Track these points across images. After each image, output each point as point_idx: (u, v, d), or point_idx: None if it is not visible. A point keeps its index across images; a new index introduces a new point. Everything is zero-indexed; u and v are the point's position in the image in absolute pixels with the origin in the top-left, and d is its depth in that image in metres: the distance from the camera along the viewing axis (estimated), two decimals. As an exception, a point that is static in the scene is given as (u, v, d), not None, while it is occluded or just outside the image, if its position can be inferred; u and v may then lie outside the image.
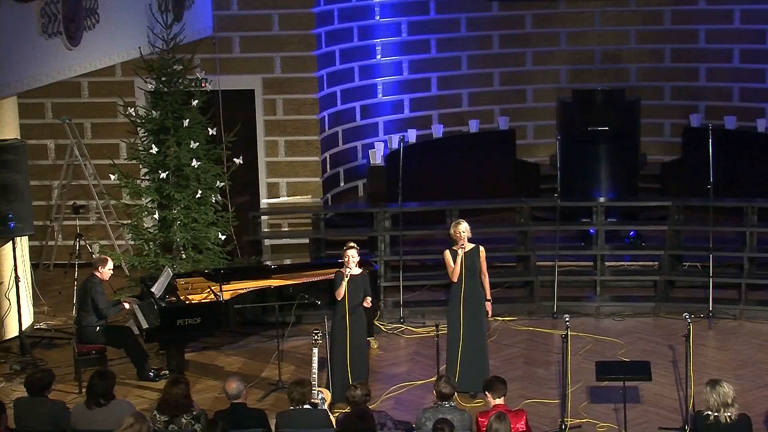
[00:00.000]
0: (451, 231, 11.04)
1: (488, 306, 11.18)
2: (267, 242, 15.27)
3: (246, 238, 14.47)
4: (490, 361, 11.79)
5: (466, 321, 10.98)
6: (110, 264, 11.82)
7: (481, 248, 11.09)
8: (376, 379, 11.39)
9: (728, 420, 8.43)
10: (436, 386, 8.88)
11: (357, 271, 10.86)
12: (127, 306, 11.80)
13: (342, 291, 10.68)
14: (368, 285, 10.94)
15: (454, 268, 10.92)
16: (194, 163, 12.84)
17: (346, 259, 10.75)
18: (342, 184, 16.38)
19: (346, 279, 10.65)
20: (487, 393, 8.95)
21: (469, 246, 11.00)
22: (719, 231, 13.77)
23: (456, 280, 10.98)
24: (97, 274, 11.72)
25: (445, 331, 11.13)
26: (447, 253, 11.04)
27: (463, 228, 10.96)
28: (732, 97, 17.10)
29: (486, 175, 16.68)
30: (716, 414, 8.46)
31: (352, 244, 10.92)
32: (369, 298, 10.87)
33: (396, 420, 9.07)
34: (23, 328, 12.37)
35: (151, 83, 13.10)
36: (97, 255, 12.77)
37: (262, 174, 15.53)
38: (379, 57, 16.59)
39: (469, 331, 10.98)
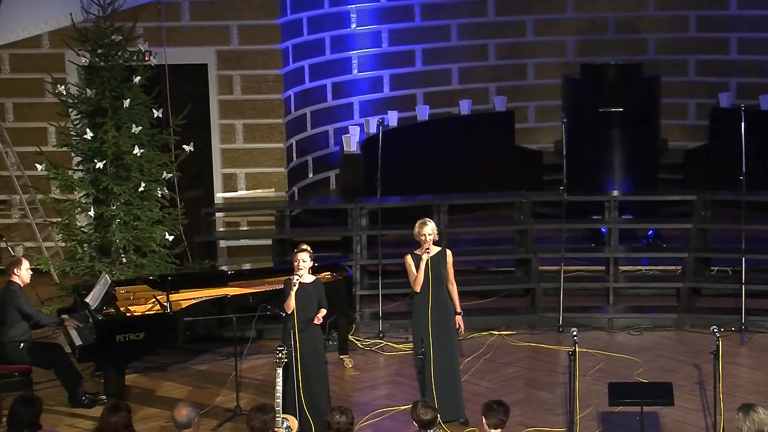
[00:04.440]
0: (415, 232, 11.00)
1: (459, 320, 11.14)
2: (223, 244, 15.23)
3: (198, 239, 14.42)
4: (485, 382, 11.80)
5: (436, 339, 10.91)
6: (26, 264, 11.75)
7: (449, 252, 11.06)
8: (350, 404, 11.36)
9: (764, 451, 8.45)
10: (414, 414, 8.81)
11: (309, 278, 10.80)
12: (66, 324, 11.77)
13: (291, 303, 10.61)
14: (323, 295, 10.84)
15: (417, 275, 10.88)
16: (136, 150, 12.79)
17: (296, 264, 10.70)
18: (311, 175, 16.35)
19: (295, 287, 10.58)
20: (483, 418, 8.92)
21: (435, 249, 10.98)
22: (753, 230, 13.83)
23: (419, 290, 10.95)
24: (15, 278, 11.66)
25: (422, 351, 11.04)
26: (408, 258, 10.97)
27: (429, 229, 10.91)
28: (768, 73, 17.20)
29: (480, 164, 16.68)
30: (750, 444, 8.46)
31: (304, 246, 10.83)
32: (323, 311, 10.77)
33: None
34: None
35: (84, 56, 13.02)
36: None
37: (216, 163, 15.50)
38: (354, 26, 16.57)
39: (440, 350, 10.92)
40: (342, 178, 15.94)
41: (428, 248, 10.88)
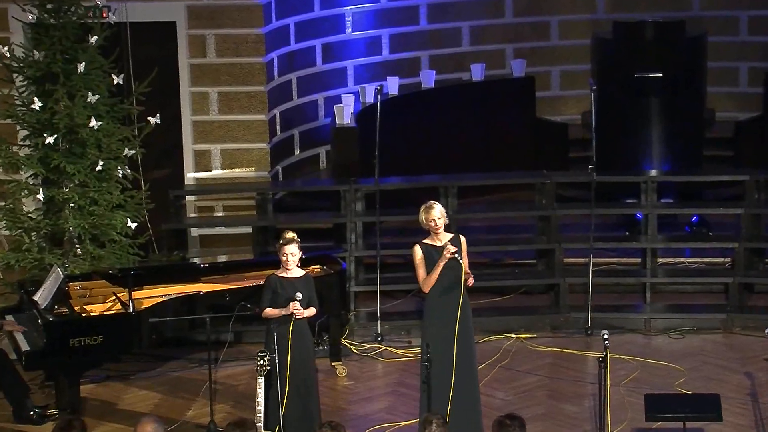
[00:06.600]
0: (421, 219, 10.88)
1: (470, 280, 10.75)
2: (194, 232, 15.25)
3: (165, 227, 14.44)
4: (500, 394, 11.84)
5: (461, 344, 10.85)
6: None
7: (463, 239, 10.94)
8: (344, 419, 11.38)
9: (827, 474, 8.47)
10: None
11: (298, 272, 10.77)
12: (7, 328, 11.77)
13: (276, 310, 10.56)
14: (313, 293, 10.80)
15: (431, 275, 10.69)
16: (93, 123, 12.78)
17: (284, 258, 10.63)
18: (297, 152, 16.36)
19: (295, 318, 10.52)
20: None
21: (447, 236, 10.85)
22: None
23: (428, 291, 10.77)
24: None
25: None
26: (417, 249, 10.77)
27: (438, 212, 10.74)
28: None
29: (494, 139, 16.69)
30: (810, 466, 8.49)
31: (290, 234, 10.74)
32: (312, 309, 10.74)
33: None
34: None
35: (31, 13, 13.01)
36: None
37: (186, 138, 15.49)
38: (347, -24, 16.61)
39: (463, 357, 10.85)
40: (334, 155, 15.93)
41: (454, 253, 10.58)
